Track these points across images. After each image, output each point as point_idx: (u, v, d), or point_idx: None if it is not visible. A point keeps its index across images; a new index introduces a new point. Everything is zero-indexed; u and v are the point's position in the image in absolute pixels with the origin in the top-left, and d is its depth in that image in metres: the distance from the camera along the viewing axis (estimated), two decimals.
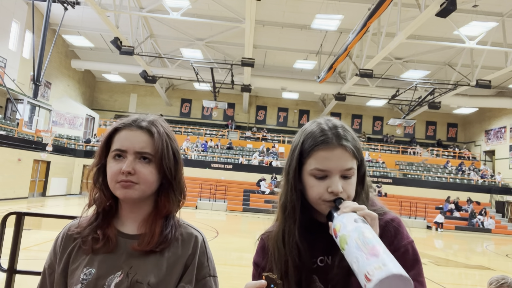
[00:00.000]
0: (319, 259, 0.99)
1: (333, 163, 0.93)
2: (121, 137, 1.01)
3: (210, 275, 1.04)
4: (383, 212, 0.99)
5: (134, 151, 0.99)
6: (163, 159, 1.02)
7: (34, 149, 16.89)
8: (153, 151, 1.01)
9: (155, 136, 1.02)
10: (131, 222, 1.05)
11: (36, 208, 13.49)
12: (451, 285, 7.20)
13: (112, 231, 1.02)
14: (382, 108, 27.72)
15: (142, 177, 0.99)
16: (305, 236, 1.00)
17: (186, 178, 1.16)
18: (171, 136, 1.07)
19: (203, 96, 26.61)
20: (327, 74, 18.02)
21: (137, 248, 0.99)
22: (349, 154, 0.94)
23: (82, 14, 17.24)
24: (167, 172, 1.03)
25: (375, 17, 12.22)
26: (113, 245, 1.00)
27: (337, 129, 0.96)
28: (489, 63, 17.50)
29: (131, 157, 0.99)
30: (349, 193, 0.94)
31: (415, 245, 0.96)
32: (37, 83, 14.00)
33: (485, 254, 12.45)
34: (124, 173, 0.97)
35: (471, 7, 13.74)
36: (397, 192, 21.42)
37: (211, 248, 1.11)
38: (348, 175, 0.94)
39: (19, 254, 2.20)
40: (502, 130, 24.48)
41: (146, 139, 1.01)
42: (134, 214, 1.05)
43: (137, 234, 1.02)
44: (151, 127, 1.03)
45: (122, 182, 0.98)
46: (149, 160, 1.00)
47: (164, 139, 1.03)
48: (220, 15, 16.49)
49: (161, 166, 1.02)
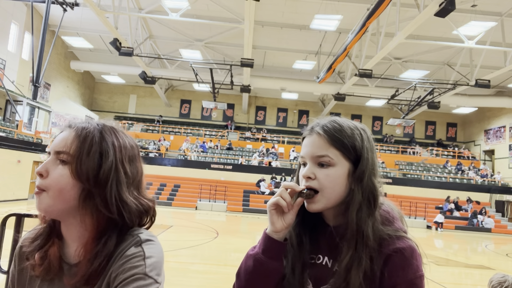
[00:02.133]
0: (318, 257, 0.99)
1: (306, 148, 0.97)
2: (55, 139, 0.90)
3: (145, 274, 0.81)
4: (396, 236, 0.91)
5: (53, 151, 0.87)
6: (79, 158, 0.85)
7: (33, 151, 16.88)
8: (69, 149, 0.86)
9: (75, 132, 0.88)
10: (72, 243, 0.89)
11: (36, 210, 13.46)
12: (451, 284, 7.20)
13: (54, 252, 0.88)
14: (381, 108, 27.73)
15: (50, 181, 0.84)
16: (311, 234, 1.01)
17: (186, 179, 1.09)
18: (106, 138, 0.89)
19: (202, 96, 26.61)
20: (326, 74, 18.02)
21: (67, 281, 0.85)
22: (325, 141, 0.94)
23: (81, 16, 17.23)
24: (83, 176, 0.84)
25: (374, 17, 12.23)
26: (54, 271, 0.87)
27: (325, 122, 0.99)
28: (488, 62, 17.51)
29: (51, 157, 0.86)
30: (322, 182, 0.93)
31: (423, 280, 0.88)
32: (36, 84, 13.98)
33: (485, 254, 12.45)
34: (38, 176, 0.85)
35: (470, 6, 13.76)
36: (397, 192, 21.41)
37: (211, 248, 1.10)
38: (323, 163, 0.94)
39: None
40: (501, 129, 24.49)
41: (68, 137, 0.87)
42: (71, 233, 0.89)
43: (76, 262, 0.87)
44: (76, 125, 0.90)
45: (36, 188, 0.85)
46: (65, 161, 0.85)
47: (88, 136, 0.87)
48: (219, 16, 16.49)
49: (77, 169, 0.84)
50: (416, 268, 0.88)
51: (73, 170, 0.84)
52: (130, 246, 0.86)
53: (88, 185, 0.85)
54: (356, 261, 0.88)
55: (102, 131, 0.90)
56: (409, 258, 0.88)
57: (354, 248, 0.89)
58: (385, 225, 0.94)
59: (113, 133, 0.93)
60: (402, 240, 0.90)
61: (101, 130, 0.90)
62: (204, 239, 9.75)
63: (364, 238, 0.89)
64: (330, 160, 0.93)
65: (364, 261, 0.87)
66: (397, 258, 0.87)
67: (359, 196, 0.92)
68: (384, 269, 0.88)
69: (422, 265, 0.90)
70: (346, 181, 0.94)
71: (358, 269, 0.87)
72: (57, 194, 0.84)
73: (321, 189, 0.93)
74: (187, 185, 20.29)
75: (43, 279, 0.88)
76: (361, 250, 0.88)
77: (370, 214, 0.92)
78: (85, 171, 0.85)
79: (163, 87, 26.49)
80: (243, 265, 0.97)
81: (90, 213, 0.87)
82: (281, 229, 0.93)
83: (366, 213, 0.91)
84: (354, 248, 0.89)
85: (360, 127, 0.99)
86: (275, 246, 0.93)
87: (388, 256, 0.88)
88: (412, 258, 0.88)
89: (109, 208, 0.86)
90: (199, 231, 11.56)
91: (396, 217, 0.98)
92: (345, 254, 0.90)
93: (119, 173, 0.89)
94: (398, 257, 0.87)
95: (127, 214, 0.88)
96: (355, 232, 0.90)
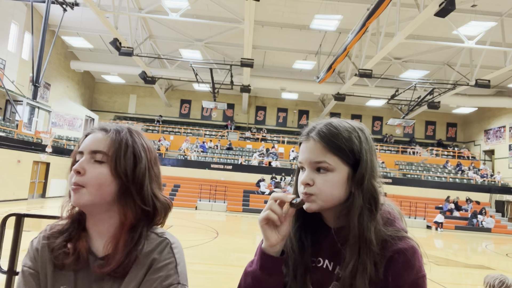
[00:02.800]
0: (318, 260, 0.99)
1: (303, 154, 0.96)
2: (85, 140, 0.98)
3: (179, 283, 0.93)
4: (397, 237, 0.91)
5: (88, 151, 0.94)
6: (118, 158, 0.94)
7: (33, 151, 16.87)
8: (107, 149, 0.94)
9: (110, 134, 0.96)
10: (99, 237, 0.97)
11: (36, 210, 13.48)
12: (451, 284, 7.20)
13: (83, 244, 0.95)
14: (381, 108, 27.74)
15: (90, 179, 0.91)
16: (313, 236, 1.01)
17: (186, 179, 1.12)
18: (134, 136, 1.00)
19: (202, 96, 26.61)
20: (326, 74, 18.03)
21: (98, 270, 0.92)
22: (321, 147, 0.93)
23: (81, 15, 17.23)
24: (122, 173, 0.93)
25: (374, 17, 12.23)
26: (84, 262, 0.94)
27: (318, 124, 0.98)
28: (488, 62, 17.51)
29: (85, 157, 0.94)
30: (321, 188, 0.92)
31: (425, 281, 0.88)
32: (36, 84, 13.98)
33: (485, 254, 12.46)
34: (75, 174, 0.92)
35: (470, 7, 13.76)
36: (396, 192, 21.41)
37: (211, 248, 1.10)
38: (321, 168, 0.93)
39: (19, 255, 2.20)
40: (501, 129, 24.50)
41: (102, 138, 0.96)
42: (98, 227, 0.97)
43: (103, 255, 0.94)
44: (112, 127, 0.99)
45: (73, 185, 0.92)
46: (102, 160, 0.93)
47: (123, 138, 0.97)
48: (219, 16, 16.49)
49: (116, 167, 0.93)
50: (419, 269, 0.88)
51: (112, 168, 0.93)
52: (161, 249, 0.95)
53: (127, 181, 0.94)
54: (361, 267, 0.87)
55: (132, 134, 1.00)
56: (411, 259, 0.88)
57: (357, 254, 0.88)
58: (386, 226, 0.93)
59: (140, 136, 1.02)
60: (404, 240, 0.90)
61: (131, 133, 1.00)
62: (204, 239, 9.74)
63: (367, 243, 0.88)
64: (328, 166, 0.92)
65: (369, 266, 0.87)
66: (399, 259, 0.87)
67: (360, 200, 0.91)
68: (387, 270, 0.87)
69: (424, 265, 0.90)
70: (346, 185, 0.93)
71: (363, 275, 0.86)
72: (96, 190, 0.92)
73: (319, 194, 0.93)
74: (187, 185, 20.28)
75: (70, 269, 0.93)
76: (365, 255, 0.88)
77: (372, 218, 0.91)
78: (123, 169, 0.94)
79: (163, 87, 26.50)
80: (243, 283, 0.96)
81: (127, 207, 0.96)
82: (276, 242, 0.91)
83: (368, 218, 0.90)
84: (357, 254, 0.88)
85: (358, 128, 0.98)
86: (272, 262, 0.92)
87: (390, 257, 0.88)
88: (414, 259, 0.88)
89: (146, 203, 0.97)
90: (199, 231, 11.56)
91: (397, 217, 0.98)
92: (348, 260, 0.89)
93: (151, 172, 0.99)
94: (400, 258, 0.87)
95: (159, 209, 0.99)
96: (357, 237, 0.89)
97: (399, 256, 0.88)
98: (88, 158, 0.93)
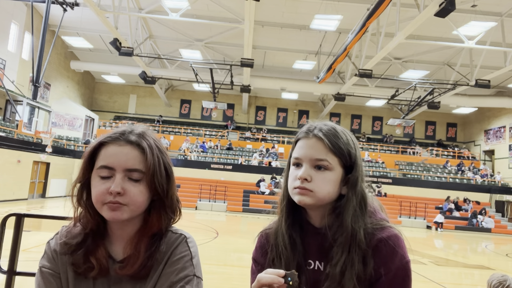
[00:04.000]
0: (309, 262, 1.00)
1: (304, 150, 0.98)
2: (108, 152, 0.92)
3: (195, 275, 0.95)
4: (379, 227, 0.94)
5: (123, 169, 0.91)
6: (155, 176, 0.93)
7: (33, 151, 16.87)
8: (145, 168, 0.92)
9: (147, 152, 0.93)
10: (119, 241, 0.98)
11: (35, 210, 13.48)
12: (451, 285, 7.20)
13: (102, 254, 0.95)
14: (381, 108, 27.73)
15: (132, 198, 0.91)
16: (301, 237, 1.02)
17: (186, 179, 1.13)
18: (162, 150, 0.99)
19: (202, 96, 26.60)
20: (326, 75, 18.03)
21: (120, 272, 0.93)
22: (324, 146, 0.95)
23: (81, 15, 17.23)
24: (159, 189, 0.95)
25: (374, 17, 12.23)
26: (105, 270, 0.94)
27: (321, 126, 1.00)
28: (488, 62, 17.51)
29: (119, 175, 0.90)
30: (318, 185, 0.94)
31: (409, 266, 0.91)
32: (36, 84, 13.98)
33: (485, 254, 12.45)
34: (113, 194, 0.88)
35: (470, 7, 13.76)
36: (396, 192, 21.42)
37: (211, 248, 1.10)
38: (321, 166, 0.95)
39: (19, 255, 2.20)
40: (501, 129, 24.49)
41: (136, 155, 0.92)
42: (121, 231, 0.97)
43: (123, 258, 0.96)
44: (141, 141, 0.94)
45: (110, 203, 0.89)
46: (140, 178, 0.92)
47: (155, 154, 0.95)
48: (219, 16, 16.49)
49: (152, 184, 0.93)
50: (402, 255, 0.91)
51: (149, 186, 0.93)
52: (177, 244, 0.97)
53: (163, 196, 0.96)
54: (350, 264, 0.90)
55: (160, 149, 0.99)
56: (394, 246, 0.91)
57: (347, 252, 0.91)
58: (368, 218, 0.97)
59: (158, 141, 1.01)
60: (386, 229, 0.94)
61: (159, 148, 0.99)
62: (204, 239, 9.74)
63: (357, 242, 0.91)
64: (328, 164, 0.95)
65: (357, 264, 0.89)
66: (383, 248, 0.91)
67: (354, 202, 0.95)
68: (372, 259, 0.90)
69: (407, 252, 0.93)
70: (338, 186, 0.97)
71: (352, 272, 0.89)
72: (138, 207, 0.93)
73: (317, 191, 0.94)
74: (187, 185, 20.28)
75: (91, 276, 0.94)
76: (354, 253, 0.90)
77: (362, 219, 0.94)
78: (160, 185, 0.95)
79: (163, 87, 26.49)
80: None
81: (157, 216, 0.97)
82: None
83: (359, 218, 0.94)
84: (347, 252, 0.91)
85: (349, 132, 1.02)
86: None
87: (375, 246, 0.91)
88: (397, 246, 0.91)
89: (174, 211, 1.01)
90: (199, 231, 11.55)
91: (377, 208, 1.01)
92: (338, 257, 0.92)
93: (173, 178, 1.02)
94: (384, 247, 0.91)
95: (178, 213, 1.03)
96: (349, 237, 0.92)
97: (382, 244, 0.91)
98: (122, 176, 0.91)
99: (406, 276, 0.90)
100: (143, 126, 1.02)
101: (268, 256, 1.04)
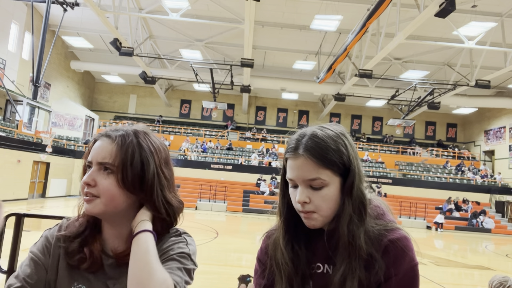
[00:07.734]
0: (318, 265, 0.99)
1: (295, 173, 0.93)
2: (92, 148, 0.97)
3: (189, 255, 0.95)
4: (388, 229, 0.93)
5: (96, 162, 0.94)
6: (124, 169, 0.93)
7: (33, 151, 16.88)
8: (112, 160, 0.93)
9: (116, 144, 0.95)
10: (113, 238, 0.99)
11: (35, 210, 13.48)
12: (451, 285, 7.20)
13: (97, 247, 0.97)
14: (381, 108, 27.73)
15: (102, 190, 0.92)
16: (305, 242, 1.01)
17: (186, 179, 1.11)
18: (144, 146, 0.96)
19: (202, 97, 26.61)
20: (326, 75, 18.03)
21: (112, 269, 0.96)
22: (313, 163, 0.91)
23: (82, 15, 17.24)
24: (130, 185, 0.93)
25: (374, 18, 12.23)
26: (98, 264, 0.96)
27: (303, 137, 0.95)
28: (488, 63, 17.51)
29: (94, 168, 0.93)
30: (317, 204, 0.92)
31: (417, 269, 0.90)
32: (36, 84, 13.97)
33: (485, 254, 12.45)
34: (86, 185, 0.92)
35: (470, 7, 13.76)
36: (396, 192, 21.42)
37: (211, 249, 1.10)
38: (315, 186, 0.91)
39: (19, 255, 2.20)
40: (501, 130, 24.49)
41: (110, 149, 0.94)
42: (114, 230, 0.99)
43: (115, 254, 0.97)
44: (116, 136, 0.96)
45: (85, 195, 0.93)
46: (110, 170, 0.93)
47: (130, 147, 0.95)
48: (220, 16, 16.49)
49: (122, 179, 0.92)
50: (411, 258, 0.90)
51: (119, 180, 0.92)
52: (171, 236, 0.98)
53: (135, 193, 0.94)
54: (350, 273, 0.88)
55: (139, 138, 0.97)
56: (403, 248, 0.89)
57: (347, 259, 0.90)
58: (377, 220, 0.95)
59: (147, 138, 0.99)
60: (395, 231, 0.92)
61: (138, 138, 0.97)
62: (204, 239, 9.74)
63: (356, 249, 0.89)
64: (322, 181, 0.91)
65: (358, 271, 0.88)
66: (392, 249, 0.89)
67: (350, 208, 0.92)
68: (382, 260, 0.89)
69: (415, 254, 0.92)
70: (340, 195, 0.94)
71: (353, 280, 0.88)
72: (110, 201, 0.92)
73: (319, 210, 0.92)
74: (187, 185, 20.28)
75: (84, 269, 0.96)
76: (354, 261, 0.89)
77: (361, 224, 0.92)
78: (131, 181, 0.93)
79: (163, 87, 26.50)
80: None
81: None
82: None
83: (357, 224, 0.91)
84: (347, 260, 0.90)
85: (341, 133, 0.96)
86: None
87: (384, 248, 0.90)
88: (406, 248, 0.90)
89: (158, 211, 0.97)
90: (199, 231, 11.55)
91: (385, 210, 1.00)
92: (339, 265, 0.91)
93: (161, 178, 0.98)
94: (393, 248, 0.89)
95: (172, 214, 1.00)
96: (347, 244, 0.90)
97: (391, 246, 0.90)
98: (97, 168, 0.93)
99: (413, 279, 0.89)
100: (142, 125, 1.03)
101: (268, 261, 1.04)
